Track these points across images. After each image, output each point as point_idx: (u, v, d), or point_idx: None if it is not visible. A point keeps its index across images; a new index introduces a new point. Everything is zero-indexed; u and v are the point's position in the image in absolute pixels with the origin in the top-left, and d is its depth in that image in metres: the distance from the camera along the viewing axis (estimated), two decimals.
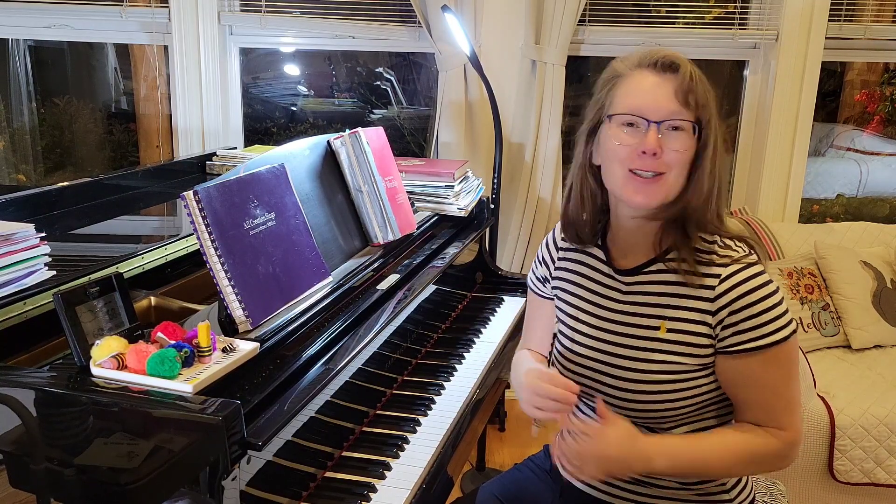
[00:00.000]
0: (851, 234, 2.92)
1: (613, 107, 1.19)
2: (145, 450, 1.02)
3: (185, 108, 2.88)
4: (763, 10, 2.99)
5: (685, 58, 1.18)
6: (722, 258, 1.19)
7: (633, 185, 1.17)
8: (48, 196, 1.74)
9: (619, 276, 1.28)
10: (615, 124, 1.18)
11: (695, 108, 1.15)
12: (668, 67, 1.16)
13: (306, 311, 1.38)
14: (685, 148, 1.15)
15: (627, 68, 1.20)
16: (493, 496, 1.47)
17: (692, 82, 1.15)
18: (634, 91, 1.17)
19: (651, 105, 1.15)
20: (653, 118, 1.14)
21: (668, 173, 1.15)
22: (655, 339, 1.22)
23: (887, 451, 2.21)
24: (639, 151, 1.15)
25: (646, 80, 1.17)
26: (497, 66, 2.86)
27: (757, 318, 1.15)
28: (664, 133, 1.14)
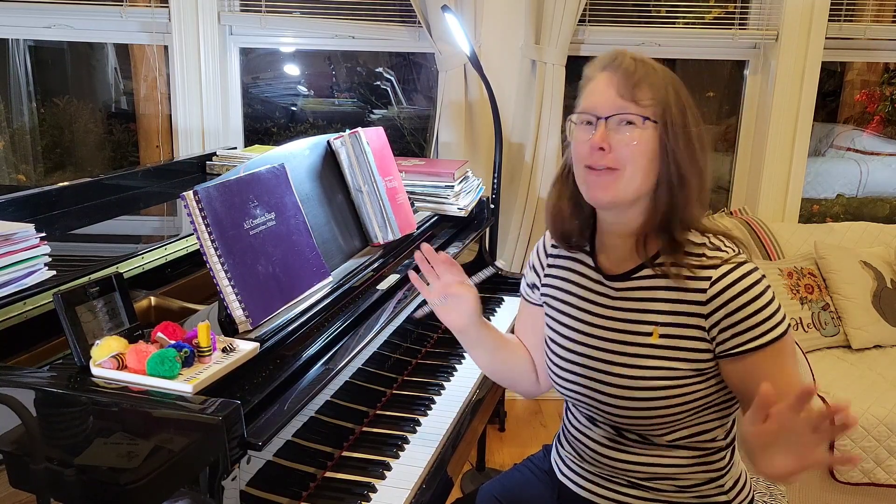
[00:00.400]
0: (851, 234, 2.92)
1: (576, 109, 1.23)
2: (145, 450, 1.02)
3: (185, 108, 2.88)
4: (763, 10, 2.99)
5: (638, 55, 1.21)
6: (712, 259, 1.18)
7: (589, 180, 1.19)
8: (48, 196, 1.74)
9: (609, 282, 1.27)
10: (575, 125, 1.22)
11: (645, 102, 1.16)
12: (614, 63, 1.19)
13: (306, 311, 1.38)
14: (635, 141, 1.16)
15: (594, 70, 1.23)
16: (492, 497, 1.47)
17: (635, 76, 1.17)
18: (591, 91, 1.21)
19: (599, 102, 1.18)
20: (601, 114, 1.17)
21: (622, 168, 1.16)
22: (648, 346, 1.21)
23: (887, 451, 2.21)
24: (590, 146, 1.17)
25: (600, 79, 1.20)
26: (497, 66, 2.86)
27: (754, 316, 1.15)
28: (614, 128, 1.16)
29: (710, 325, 1.17)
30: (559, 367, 1.32)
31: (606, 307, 1.27)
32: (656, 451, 1.26)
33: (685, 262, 1.19)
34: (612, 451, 1.29)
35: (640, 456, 1.27)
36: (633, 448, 1.27)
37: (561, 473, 1.41)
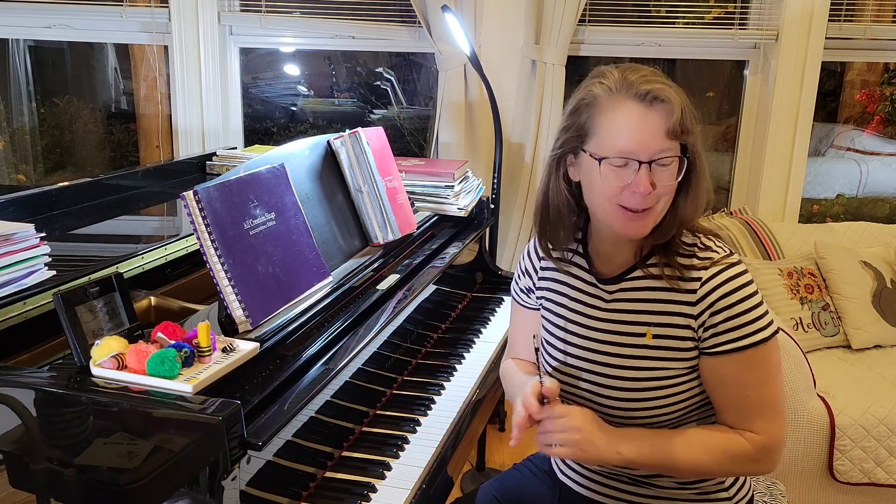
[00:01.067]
0: (851, 234, 2.92)
1: (598, 144, 1.14)
2: (145, 450, 1.02)
3: (185, 108, 2.88)
4: (763, 10, 2.99)
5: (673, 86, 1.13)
6: (703, 261, 1.18)
7: (623, 218, 1.15)
8: (48, 196, 1.74)
9: (602, 285, 1.27)
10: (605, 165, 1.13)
11: (685, 136, 1.12)
12: (656, 100, 1.10)
13: (306, 311, 1.38)
14: (673, 179, 1.13)
15: (608, 94, 1.14)
16: (492, 496, 1.47)
17: (684, 112, 1.11)
18: (622, 129, 1.12)
19: (640, 145, 1.10)
20: (643, 158, 1.10)
21: (657, 204, 1.14)
22: (642, 346, 1.22)
23: (887, 451, 2.21)
24: (630, 190, 1.12)
25: (632, 115, 1.11)
26: (497, 66, 2.86)
27: (735, 319, 1.15)
28: (654, 168, 1.12)
29: (698, 324, 1.18)
30: (557, 370, 1.32)
31: (601, 309, 1.27)
32: None
33: (676, 262, 1.19)
34: None
35: None
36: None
37: (562, 473, 1.41)
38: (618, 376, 1.23)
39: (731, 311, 1.15)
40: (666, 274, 1.19)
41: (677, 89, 1.13)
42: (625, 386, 1.22)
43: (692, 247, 1.20)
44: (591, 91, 1.16)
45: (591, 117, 1.15)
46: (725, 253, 1.20)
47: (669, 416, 1.22)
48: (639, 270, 1.23)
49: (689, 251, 1.20)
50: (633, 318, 1.23)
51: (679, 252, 1.20)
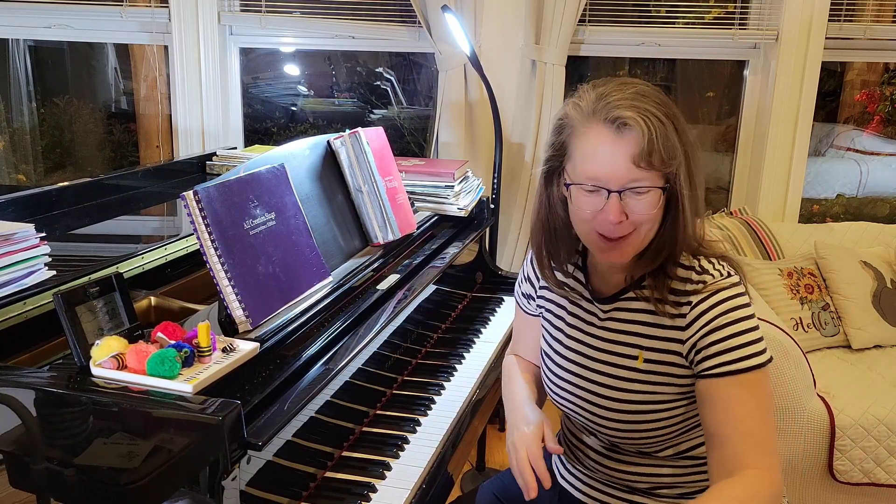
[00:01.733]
0: (851, 234, 2.92)
1: (573, 169, 1.12)
2: (145, 450, 1.02)
3: (185, 108, 2.88)
4: (763, 10, 2.99)
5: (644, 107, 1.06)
6: (696, 285, 1.14)
7: (601, 245, 1.13)
8: (48, 196, 1.74)
9: (598, 303, 1.26)
10: (575, 189, 1.11)
11: (660, 166, 1.07)
12: (625, 126, 1.06)
13: (306, 311, 1.38)
14: (652, 209, 1.09)
15: (581, 118, 1.10)
16: (492, 495, 1.47)
17: (653, 142, 1.05)
18: (590, 155, 1.09)
19: (609, 174, 1.07)
20: (612, 187, 1.07)
21: (636, 231, 1.10)
22: (633, 370, 1.20)
23: (887, 451, 2.21)
24: (601, 217, 1.09)
25: (601, 142, 1.08)
26: (497, 66, 2.86)
27: (725, 342, 1.11)
28: (627, 197, 1.07)
29: (687, 349, 1.15)
30: (553, 383, 1.32)
31: (596, 327, 1.26)
32: (655, 461, 1.26)
33: (666, 288, 1.15)
34: (610, 461, 1.29)
35: (639, 466, 1.26)
36: (629, 459, 1.27)
37: (561, 477, 1.41)
38: (609, 397, 1.22)
39: (720, 333, 1.11)
40: (655, 298, 1.15)
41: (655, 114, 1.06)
42: (615, 407, 1.21)
43: (689, 270, 1.16)
44: (567, 112, 1.14)
45: (568, 138, 1.13)
46: (723, 276, 1.14)
47: (661, 437, 1.21)
48: (631, 292, 1.21)
49: (685, 275, 1.16)
50: (626, 339, 1.22)
51: (672, 276, 1.16)
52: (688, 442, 1.24)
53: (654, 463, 1.26)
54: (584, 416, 1.27)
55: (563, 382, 1.29)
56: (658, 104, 1.08)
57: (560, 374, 1.30)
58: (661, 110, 1.07)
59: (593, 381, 1.24)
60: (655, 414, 1.19)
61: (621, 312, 1.23)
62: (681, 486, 1.27)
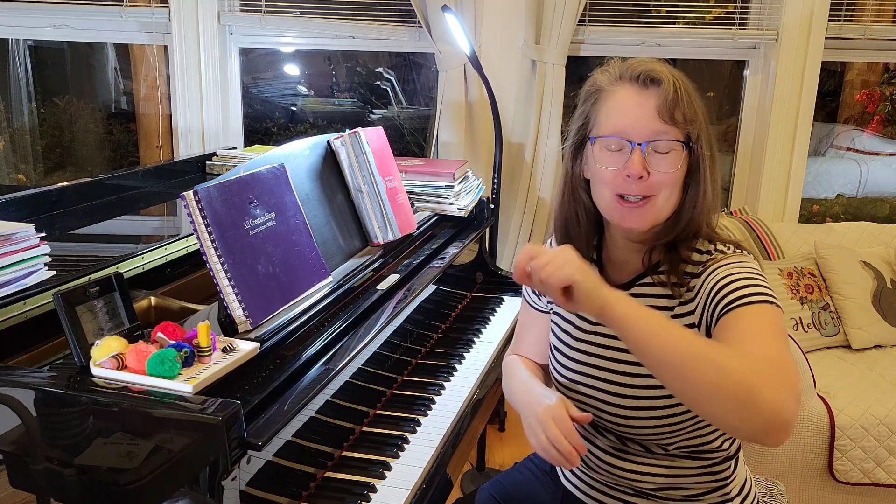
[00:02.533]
0: (851, 234, 2.92)
1: (597, 127, 1.14)
2: (145, 450, 1.02)
3: (185, 108, 2.88)
4: (763, 10, 2.99)
5: (669, 68, 1.11)
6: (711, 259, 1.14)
7: (621, 209, 1.13)
8: (48, 196, 1.74)
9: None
10: (599, 146, 1.13)
11: (682, 123, 1.09)
12: (651, 81, 1.09)
13: (306, 311, 1.38)
14: (674, 168, 1.10)
15: (609, 82, 1.14)
16: (492, 497, 1.47)
17: (677, 96, 1.08)
18: (616, 110, 1.12)
19: (633, 125, 1.09)
20: (636, 139, 1.09)
21: (657, 195, 1.11)
22: None
23: (887, 451, 2.21)
24: (624, 175, 1.10)
25: (628, 97, 1.11)
26: (497, 66, 2.86)
27: (730, 285, 1.07)
28: (650, 154, 1.09)
29: (698, 318, 1.13)
30: (563, 377, 1.31)
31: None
32: (662, 460, 1.25)
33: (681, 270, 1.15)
34: (617, 460, 1.28)
35: (645, 466, 1.26)
36: (638, 458, 1.26)
37: (565, 478, 1.40)
38: (625, 384, 1.21)
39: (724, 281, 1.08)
40: (672, 282, 1.15)
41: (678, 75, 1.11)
42: (631, 394, 1.20)
43: (706, 254, 1.15)
44: (595, 79, 1.17)
45: (595, 104, 1.16)
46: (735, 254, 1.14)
47: (674, 429, 1.20)
48: (648, 277, 1.20)
49: (702, 258, 1.15)
50: None
51: (687, 260, 1.15)
52: (698, 438, 1.23)
53: (661, 463, 1.25)
54: (595, 410, 1.26)
55: (574, 375, 1.28)
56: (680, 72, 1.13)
57: (572, 366, 1.29)
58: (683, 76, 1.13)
59: (608, 370, 1.23)
60: (669, 399, 1.18)
61: (637, 298, 1.20)
62: (688, 487, 1.26)
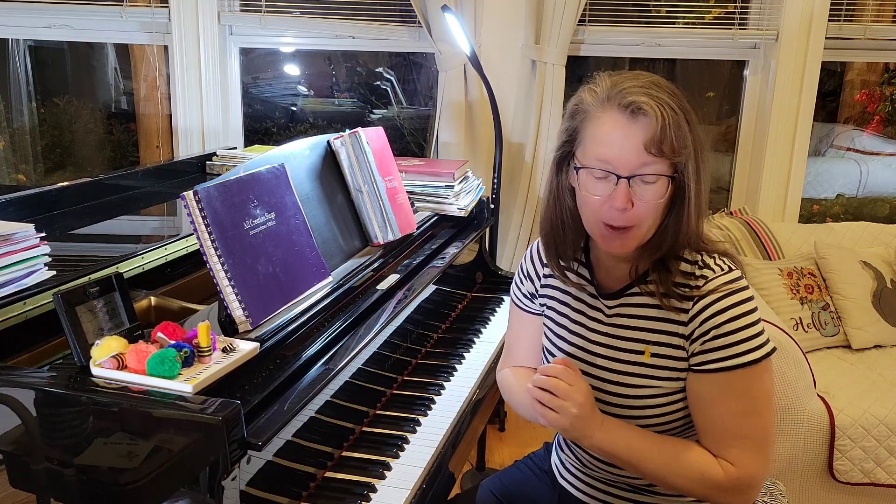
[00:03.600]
0: (851, 234, 2.92)
1: (582, 152, 1.13)
2: (145, 450, 1.02)
3: (185, 108, 2.88)
4: (763, 10, 2.99)
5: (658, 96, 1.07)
6: (698, 279, 1.15)
7: (604, 235, 1.13)
8: (48, 196, 1.74)
9: (603, 299, 1.25)
10: (584, 173, 1.12)
11: (670, 155, 1.07)
12: (638, 111, 1.07)
13: (306, 311, 1.38)
14: (658, 198, 1.09)
15: (596, 105, 1.11)
16: (490, 494, 1.47)
17: (665, 130, 1.06)
18: (602, 138, 1.09)
19: (619, 157, 1.08)
20: (622, 172, 1.08)
21: (639, 224, 1.11)
22: (640, 364, 1.20)
23: (887, 451, 2.21)
24: (608, 205, 1.10)
25: (614, 127, 1.08)
26: (497, 66, 2.86)
27: (724, 337, 1.12)
28: (635, 183, 1.08)
29: (689, 345, 1.16)
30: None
31: (601, 323, 1.26)
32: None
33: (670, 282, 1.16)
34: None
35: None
36: None
37: (561, 477, 1.41)
38: (615, 392, 1.22)
39: (720, 330, 1.12)
40: (660, 292, 1.16)
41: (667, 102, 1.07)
42: (622, 403, 1.21)
43: (693, 265, 1.17)
44: (582, 98, 1.15)
45: (581, 123, 1.14)
46: (724, 271, 1.15)
47: (667, 431, 1.21)
48: (636, 287, 1.21)
49: (688, 270, 1.17)
50: (632, 334, 1.22)
51: (674, 271, 1.16)
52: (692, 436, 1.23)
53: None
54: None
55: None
56: (671, 95, 1.09)
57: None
58: (675, 101, 1.09)
59: (600, 378, 1.24)
60: (659, 408, 1.19)
61: (627, 308, 1.23)
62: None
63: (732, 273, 1.16)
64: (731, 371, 1.12)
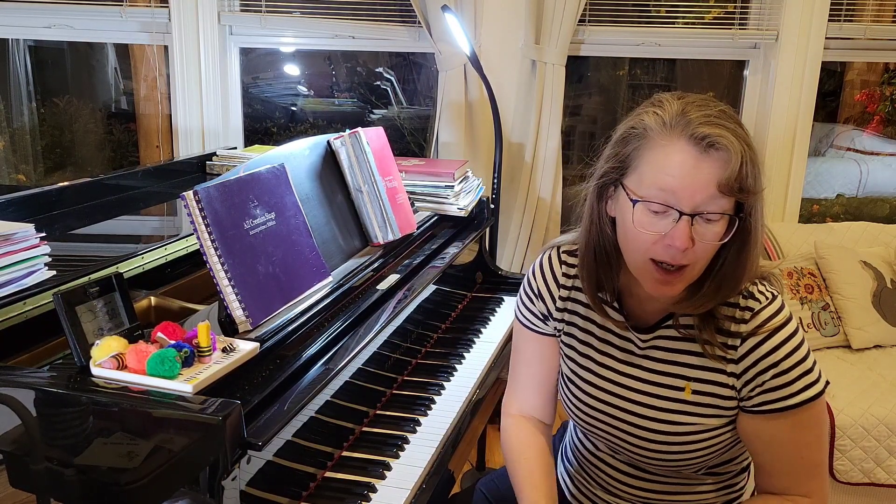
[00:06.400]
0: (851, 234, 2.92)
1: (638, 182, 1.01)
2: (145, 450, 1.02)
3: (185, 108, 2.88)
4: (763, 10, 2.99)
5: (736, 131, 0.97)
6: (743, 312, 1.08)
7: (653, 276, 1.03)
8: (48, 196, 1.74)
9: (635, 332, 1.17)
10: (639, 207, 1.00)
11: (741, 195, 0.97)
12: (713, 147, 0.95)
13: (306, 311, 1.38)
14: (719, 238, 1.00)
15: (661, 131, 0.99)
16: (482, 494, 1.47)
17: (743, 168, 0.95)
18: (667, 170, 0.97)
19: (685, 192, 0.96)
20: (686, 209, 0.97)
21: (693, 265, 1.01)
22: (681, 401, 1.14)
23: (887, 451, 2.21)
24: (665, 243, 0.99)
25: (683, 160, 0.96)
26: (497, 66, 2.86)
27: (784, 375, 1.06)
28: (696, 223, 0.97)
29: (741, 383, 1.10)
30: (580, 410, 1.24)
31: (635, 355, 1.18)
32: (682, 480, 1.22)
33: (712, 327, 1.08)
34: (635, 479, 1.24)
35: (665, 485, 1.23)
36: (658, 478, 1.23)
37: (571, 495, 1.37)
38: (653, 429, 1.16)
39: (779, 368, 1.06)
40: (703, 339, 1.08)
41: (744, 137, 0.98)
42: (659, 439, 1.15)
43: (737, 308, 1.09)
44: (643, 121, 1.02)
45: (637, 149, 1.02)
46: (769, 300, 1.09)
47: (703, 461, 1.16)
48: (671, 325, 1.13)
49: (733, 301, 1.09)
50: (671, 369, 1.15)
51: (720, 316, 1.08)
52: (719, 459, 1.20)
53: (681, 482, 1.22)
54: (616, 443, 1.21)
55: (592, 410, 1.22)
56: (742, 128, 1.00)
57: (589, 401, 1.22)
58: (747, 134, 0.99)
59: (634, 413, 1.17)
60: (701, 443, 1.14)
61: (664, 341, 1.15)
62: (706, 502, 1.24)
63: (777, 301, 1.09)
64: (799, 408, 1.07)
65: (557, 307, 1.25)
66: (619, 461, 1.26)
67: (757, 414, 1.09)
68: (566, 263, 1.25)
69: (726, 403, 1.12)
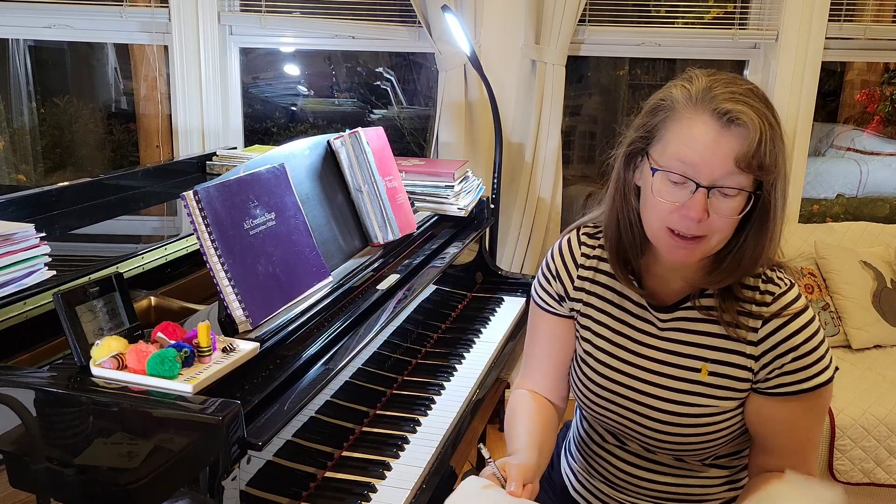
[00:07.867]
0: (851, 234, 2.92)
1: (661, 152, 1.04)
2: (145, 450, 1.02)
3: (185, 108, 2.88)
4: (763, 10, 2.99)
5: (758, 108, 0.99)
6: (763, 295, 1.11)
7: (669, 242, 1.06)
8: (48, 196, 1.74)
9: (655, 311, 1.19)
10: (659, 176, 1.03)
11: (758, 172, 1.00)
12: (734, 122, 0.98)
13: (306, 311, 1.38)
14: (736, 213, 1.02)
15: (686, 104, 1.02)
16: None
17: (761, 145, 0.98)
18: (689, 142, 1.00)
19: (704, 165, 0.99)
20: (703, 181, 1.00)
21: (708, 237, 1.04)
22: (697, 382, 1.15)
23: (887, 451, 2.21)
24: (681, 212, 1.02)
25: (704, 132, 0.99)
26: (497, 66, 2.86)
27: (802, 359, 1.09)
28: (713, 195, 1.00)
29: (759, 366, 1.12)
30: (592, 392, 1.24)
31: (653, 336, 1.19)
32: (689, 471, 1.23)
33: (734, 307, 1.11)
34: (642, 471, 1.25)
35: (671, 477, 1.23)
36: (664, 469, 1.23)
37: (573, 489, 1.38)
38: (668, 410, 1.17)
39: (798, 352, 1.09)
40: (726, 321, 1.11)
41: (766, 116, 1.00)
42: (674, 420, 1.16)
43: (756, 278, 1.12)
44: (672, 93, 1.05)
45: (663, 121, 1.05)
46: (787, 286, 1.12)
47: (714, 445, 1.17)
48: (692, 304, 1.15)
49: (753, 283, 1.12)
50: (689, 350, 1.16)
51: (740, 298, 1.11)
52: (729, 448, 1.21)
53: (688, 474, 1.23)
54: (625, 427, 1.21)
55: (608, 393, 1.23)
56: (768, 107, 1.02)
57: (602, 382, 1.23)
58: (771, 114, 1.01)
59: (649, 394, 1.18)
60: (713, 425, 1.15)
61: (684, 322, 1.16)
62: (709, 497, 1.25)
63: (795, 288, 1.13)
64: (812, 391, 1.10)
65: (575, 286, 1.26)
66: (625, 452, 1.26)
67: (771, 396, 1.12)
68: (585, 244, 1.26)
69: (740, 385, 1.14)
